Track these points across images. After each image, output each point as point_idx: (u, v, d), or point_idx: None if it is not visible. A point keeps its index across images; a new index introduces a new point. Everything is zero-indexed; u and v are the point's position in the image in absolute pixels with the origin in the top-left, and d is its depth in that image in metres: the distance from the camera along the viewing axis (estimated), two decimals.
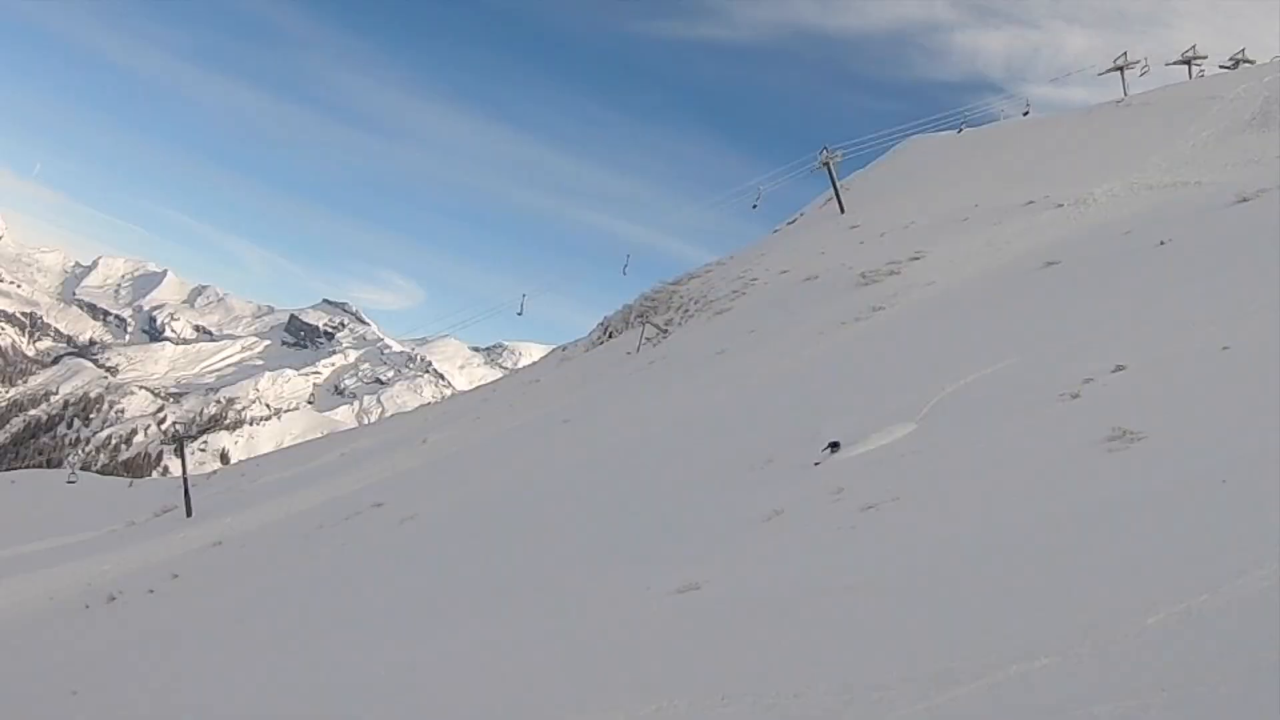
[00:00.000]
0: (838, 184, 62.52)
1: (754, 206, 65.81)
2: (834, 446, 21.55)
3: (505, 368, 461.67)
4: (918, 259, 41.89)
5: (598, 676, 11.39)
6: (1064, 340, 23.04)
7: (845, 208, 60.54)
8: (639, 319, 61.27)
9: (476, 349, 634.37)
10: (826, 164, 61.71)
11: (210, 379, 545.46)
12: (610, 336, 66.68)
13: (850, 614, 10.88)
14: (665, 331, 54.77)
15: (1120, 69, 64.10)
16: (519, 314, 71.52)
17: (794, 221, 69.63)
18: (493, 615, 17.52)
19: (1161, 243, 29.11)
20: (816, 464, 20.97)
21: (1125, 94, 62.41)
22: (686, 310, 56.75)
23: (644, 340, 55.53)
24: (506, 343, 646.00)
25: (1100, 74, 66.08)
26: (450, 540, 28.39)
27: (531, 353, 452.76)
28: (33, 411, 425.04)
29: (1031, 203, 45.37)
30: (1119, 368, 18.66)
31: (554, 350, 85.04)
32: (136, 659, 26.23)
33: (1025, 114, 69.52)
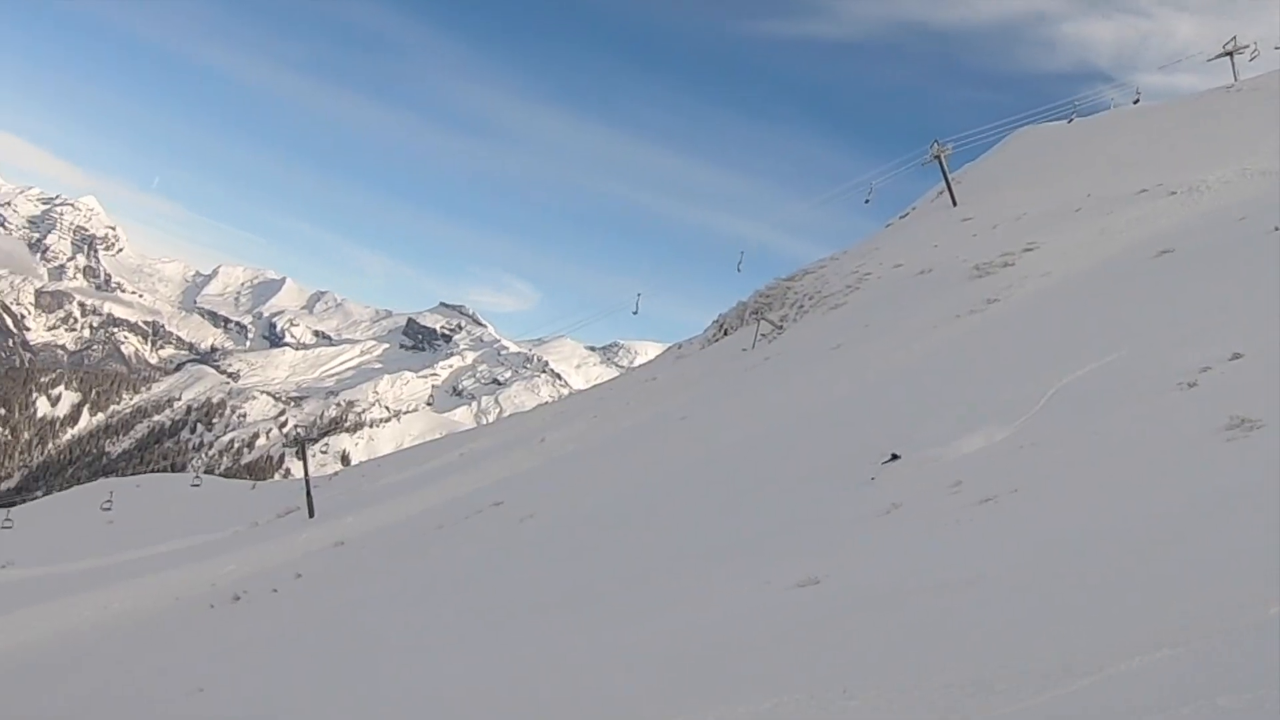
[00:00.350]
0: (949, 177, 62.21)
1: (866, 201, 65.67)
2: (894, 458, 21.60)
3: (621, 366, 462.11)
4: (1031, 250, 41.54)
5: (718, 670, 11.44)
6: (1180, 328, 22.56)
7: (957, 200, 60.10)
8: (754, 315, 61.25)
9: (592, 348, 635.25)
10: (937, 157, 61.38)
11: (330, 383, 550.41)
12: (725, 333, 66.75)
13: (968, 607, 10.90)
14: (780, 327, 54.73)
15: (1230, 54, 63.24)
16: (634, 313, 71.54)
17: (906, 215, 69.31)
18: (613, 611, 17.77)
19: (1277, 228, 28.74)
20: (873, 479, 20.94)
21: (1236, 79, 61.57)
22: (801, 306, 56.62)
23: (759, 336, 55.48)
24: (622, 341, 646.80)
25: (1210, 60, 65.24)
26: (569, 538, 28.60)
27: (647, 351, 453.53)
28: (156, 417, 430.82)
29: (1144, 191, 44.81)
30: (1236, 355, 18.30)
31: (670, 348, 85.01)
32: (260, 658, 26.79)
33: (1135, 102, 68.67)
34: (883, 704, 8.31)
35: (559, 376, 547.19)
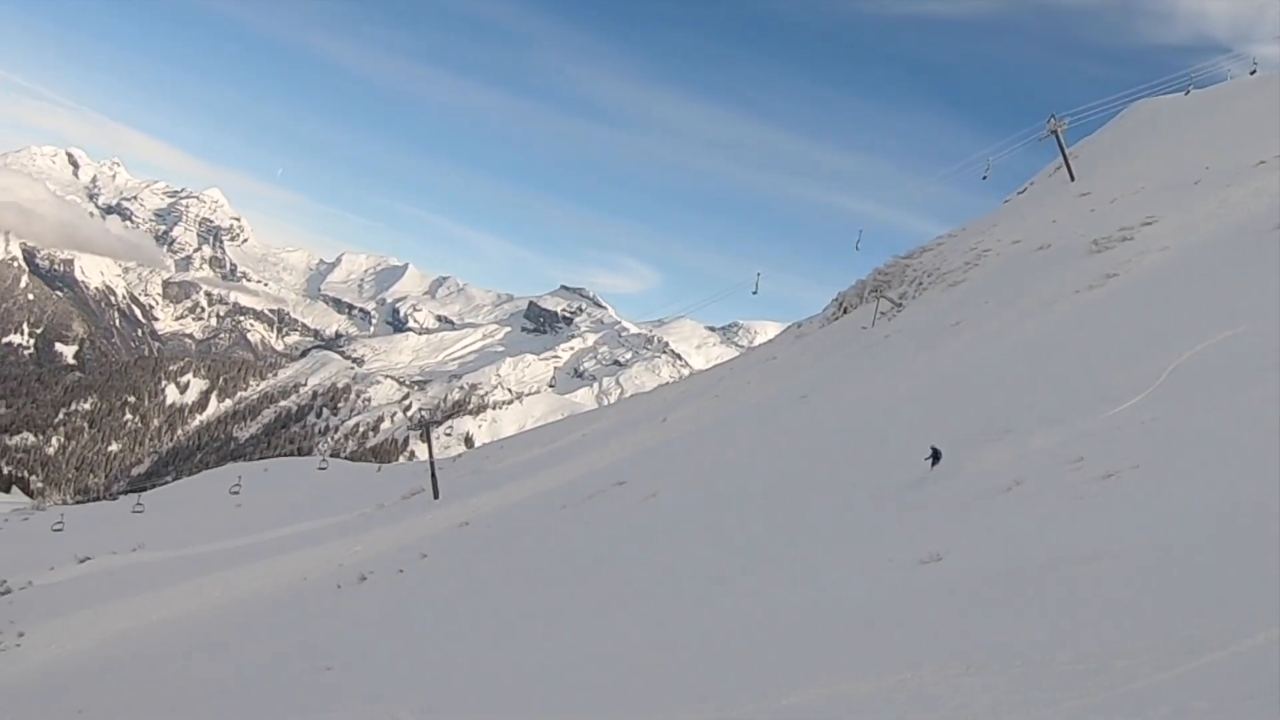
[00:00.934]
0: (1066, 152, 61.65)
1: (984, 177, 65.02)
2: (936, 455, 21.78)
3: (741, 346, 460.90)
4: (1149, 224, 41.02)
5: (843, 646, 11.48)
6: None
7: (1075, 175, 59.40)
8: (873, 293, 61.14)
9: (712, 329, 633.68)
10: (1054, 132, 60.72)
11: (453, 366, 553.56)
12: (845, 311, 66.65)
13: (1090, 583, 10.83)
14: (899, 305, 54.64)
15: None
16: (754, 293, 71.23)
17: (1023, 191, 68.69)
18: (737, 588, 17.87)
19: None
20: (926, 471, 21.43)
21: None
22: (920, 283, 56.43)
23: (878, 314, 55.37)
24: (742, 321, 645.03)
25: None
26: (692, 516, 28.65)
27: (767, 330, 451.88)
28: (283, 403, 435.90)
29: (1262, 163, 43.99)
30: None
31: (789, 327, 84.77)
32: (387, 637, 27.24)
33: (1252, 73, 67.41)
34: (1004, 680, 8.32)
35: (679, 357, 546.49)
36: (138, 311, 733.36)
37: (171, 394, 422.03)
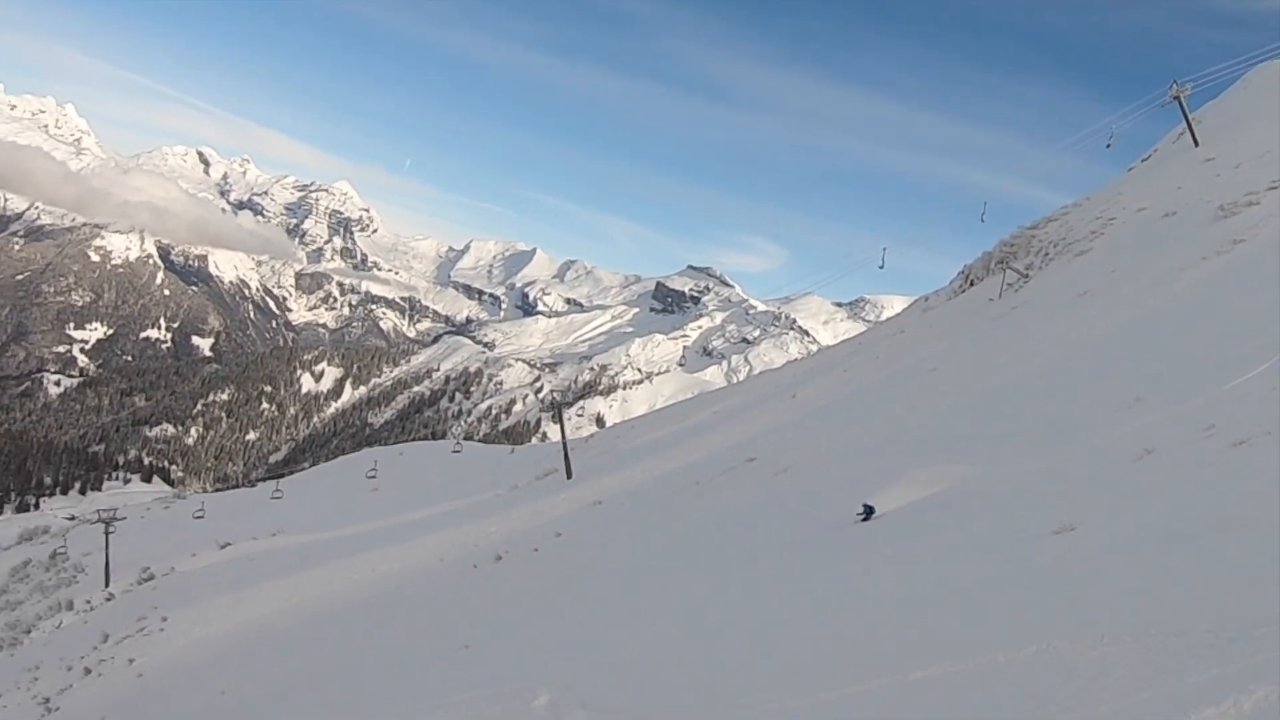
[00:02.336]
0: (1190, 117, 60.67)
1: (1108, 146, 63.97)
2: (868, 511, 21.79)
3: (868, 321, 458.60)
4: (1276, 188, 40.04)
5: (977, 618, 11.32)
6: None
7: (1199, 140, 58.35)
8: (999, 265, 60.59)
9: (839, 304, 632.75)
10: (1177, 98, 59.61)
11: (583, 348, 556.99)
12: (971, 284, 66.15)
13: (1226, 551, 10.69)
14: (1026, 276, 54.12)
15: None
16: (880, 267, 70.97)
17: (1147, 158, 67.58)
18: (872, 561, 17.76)
19: None
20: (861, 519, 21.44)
21: None
22: (1046, 254, 55.84)
23: (1005, 286, 54.85)
24: (869, 296, 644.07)
25: None
26: (824, 490, 28.48)
27: (893, 304, 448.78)
28: (416, 388, 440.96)
29: None
30: None
31: (916, 300, 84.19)
32: (523, 615, 27.36)
33: None
34: (1140, 651, 8.18)
35: (807, 333, 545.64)
36: (271, 303, 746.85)
37: (307, 383, 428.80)
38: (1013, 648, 9.20)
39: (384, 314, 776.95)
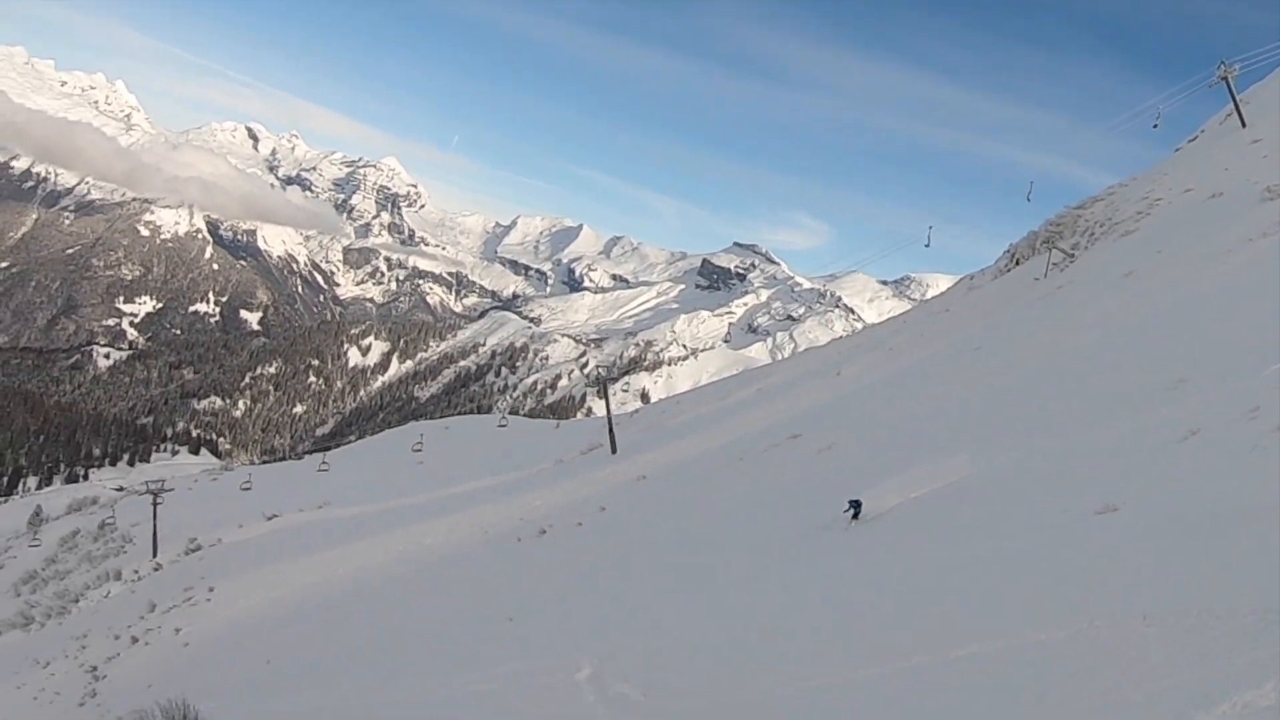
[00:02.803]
0: (1237, 98, 60.28)
1: (1154, 126, 63.54)
2: (855, 507, 21.87)
3: (913, 299, 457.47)
4: None
5: (1020, 597, 11.35)
6: None
7: (1246, 121, 58.02)
8: (1045, 244, 60.45)
9: (884, 282, 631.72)
10: (1224, 79, 59.13)
11: (628, 324, 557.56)
12: (1017, 263, 66.03)
13: (1271, 534, 10.53)
14: (1071, 255, 53.96)
15: None
16: (926, 246, 70.59)
17: (1194, 139, 67.12)
18: (915, 539, 17.91)
19: None
20: (846, 529, 21.39)
21: None
22: (1092, 234, 55.66)
23: (1050, 265, 54.71)
24: (914, 274, 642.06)
25: None
26: (867, 467, 28.21)
27: (939, 283, 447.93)
28: (462, 362, 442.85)
29: None
30: None
31: (961, 279, 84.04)
32: (567, 588, 27.64)
33: None
34: (1182, 632, 8.17)
35: (852, 311, 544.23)
36: (319, 278, 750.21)
37: (354, 356, 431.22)
38: (1054, 627, 9.23)
39: (431, 289, 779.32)
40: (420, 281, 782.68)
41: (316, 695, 18.23)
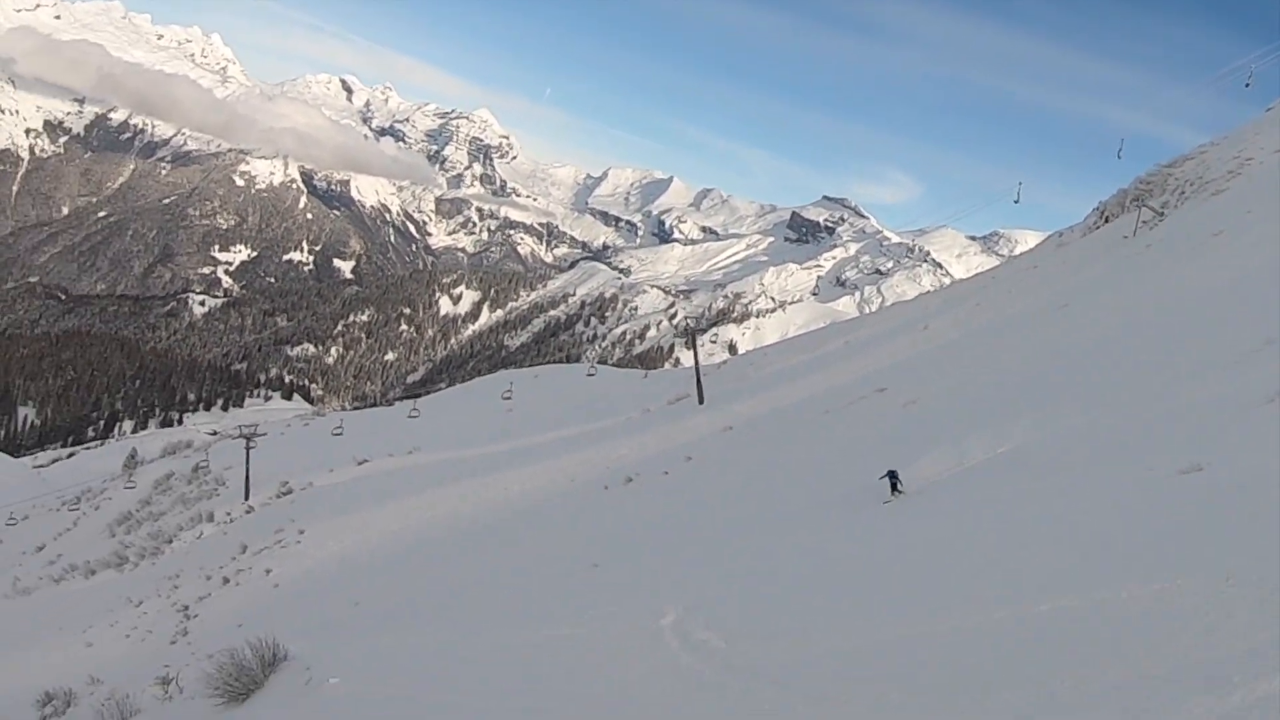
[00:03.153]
0: None
1: (1246, 85, 62.84)
2: (893, 477, 21.77)
3: (1001, 255, 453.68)
4: None
5: (1101, 555, 11.11)
6: None
7: None
8: (1134, 202, 59.93)
9: (973, 238, 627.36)
10: None
11: (717, 275, 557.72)
12: (1106, 220, 65.54)
13: None
14: (1161, 214, 53.51)
15: None
16: (1015, 202, 69.92)
17: None
18: (999, 493, 17.82)
19: None
20: (886, 502, 21.19)
21: None
22: (1182, 192, 55.16)
23: (1140, 223, 54.32)
24: (1003, 230, 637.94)
25: None
26: (954, 422, 28.08)
27: (1027, 239, 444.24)
28: (552, 312, 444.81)
29: None
30: None
31: (1050, 236, 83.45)
32: (653, 536, 27.75)
33: None
34: (1268, 594, 7.90)
35: (940, 266, 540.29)
36: (411, 228, 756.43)
37: (445, 305, 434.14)
38: (1138, 585, 9.07)
39: (521, 239, 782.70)
40: (511, 232, 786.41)
41: (403, 637, 18.47)
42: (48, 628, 44.32)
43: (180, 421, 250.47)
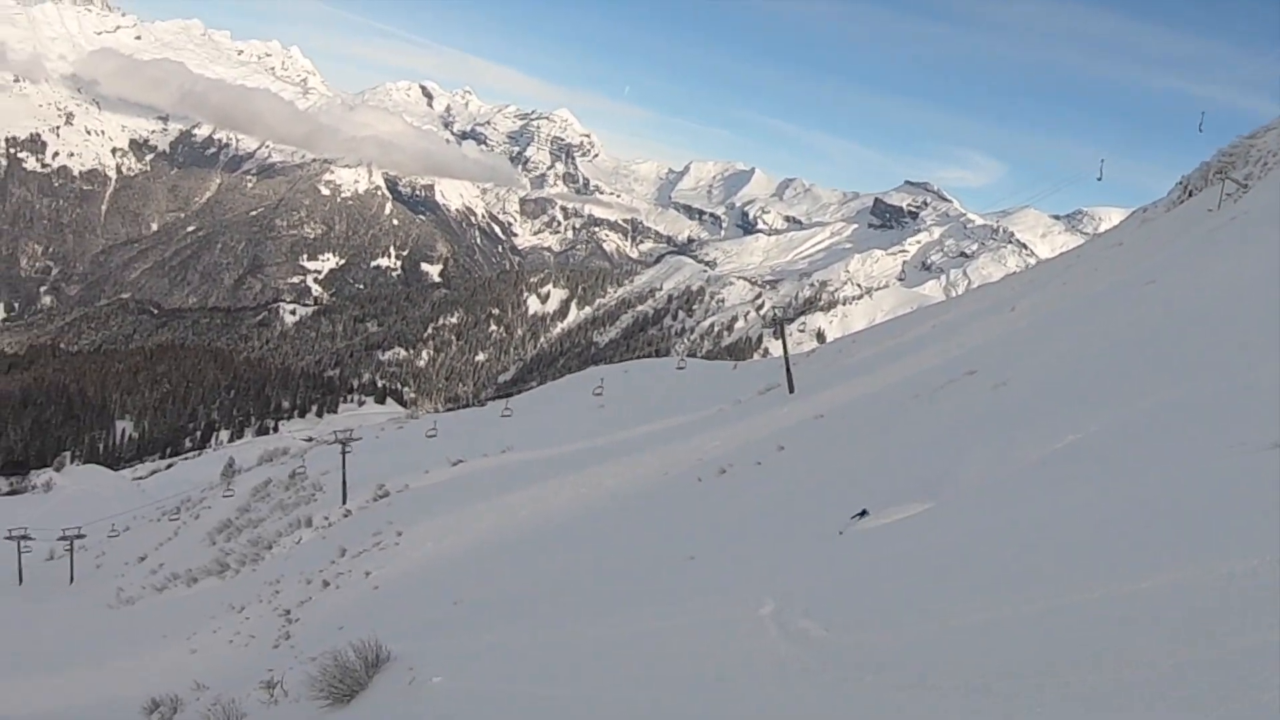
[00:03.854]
0: None
1: None
2: (862, 515, 21.31)
3: (1086, 233, 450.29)
4: None
5: (1196, 532, 10.61)
6: None
7: None
8: (1217, 175, 59.39)
9: (1057, 217, 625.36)
10: None
11: (802, 265, 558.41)
12: (1190, 194, 65.06)
13: None
14: (1245, 186, 52.99)
15: None
16: (1098, 179, 69.48)
17: None
18: (1089, 471, 17.54)
19: None
20: (841, 532, 20.65)
21: None
22: (1264, 163, 54.65)
23: (1224, 196, 53.90)
24: (1086, 209, 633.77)
25: None
26: (1046, 404, 27.91)
27: (1111, 217, 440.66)
28: (640, 307, 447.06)
29: None
30: None
31: (1134, 212, 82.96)
32: (747, 528, 27.87)
33: None
34: None
35: (1025, 246, 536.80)
36: (497, 229, 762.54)
37: (533, 304, 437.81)
38: (1227, 559, 8.55)
39: (606, 236, 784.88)
40: (596, 229, 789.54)
41: (503, 634, 18.69)
42: (152, 636, 45.27)
43: (276, 429, 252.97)
